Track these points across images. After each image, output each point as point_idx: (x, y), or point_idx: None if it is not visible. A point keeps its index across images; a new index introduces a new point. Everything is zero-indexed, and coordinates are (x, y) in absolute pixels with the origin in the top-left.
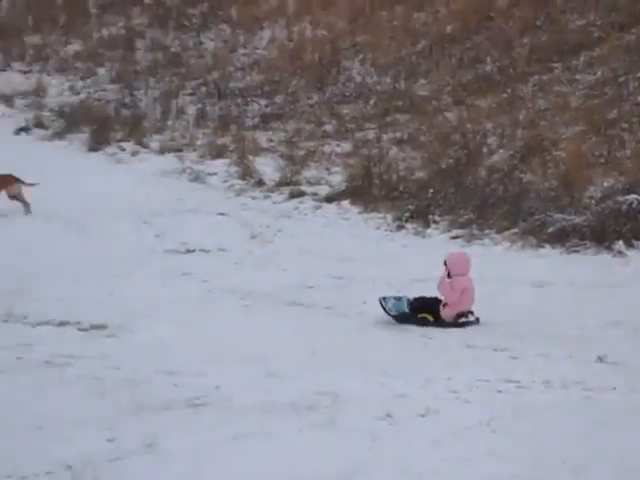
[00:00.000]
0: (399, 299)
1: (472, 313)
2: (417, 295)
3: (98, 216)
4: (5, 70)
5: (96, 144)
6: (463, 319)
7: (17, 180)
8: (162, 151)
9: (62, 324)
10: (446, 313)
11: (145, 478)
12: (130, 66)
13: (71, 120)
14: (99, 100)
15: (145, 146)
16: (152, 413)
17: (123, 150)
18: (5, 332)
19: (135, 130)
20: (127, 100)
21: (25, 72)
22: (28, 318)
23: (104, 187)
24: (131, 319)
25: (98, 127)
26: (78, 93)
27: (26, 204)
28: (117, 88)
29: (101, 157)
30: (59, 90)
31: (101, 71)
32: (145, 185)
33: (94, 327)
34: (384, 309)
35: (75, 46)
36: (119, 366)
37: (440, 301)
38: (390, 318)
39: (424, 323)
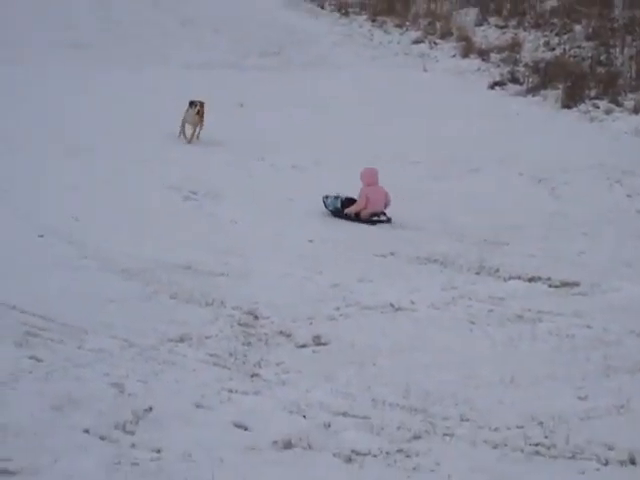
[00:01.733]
0: (337, 197)
1: (384, 214)
2: (349, 196)
3: (569, 174)
4: (481, 25)
5: (570, 101)
6: (375, 218)
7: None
8: (637, 110)
9: (533, 279)
10: (353, 211)
11: (617, 439)
12: (606, 23)
13: (545, 76)
14: (574, 57)
15: (619, 104)
16: (623, 374)
17: (597, 108)
18: (478, 284)
19: (609, 88)
20: (602, 57)
21: (501, 27)
22: (499, 272)
23: (575, 145)
24: (602, 278)
25: (572, 84)
26: (553, 49)
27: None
28: (592, 45)
29: (574, 115)
30: (534, 45)
31: (577, 27)
32: (616, 143)
33: (565, 284)
34: (324, 204)
35: (551, 2)
36: (590, 324)
37: (352, 202)
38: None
39: (347, 218)
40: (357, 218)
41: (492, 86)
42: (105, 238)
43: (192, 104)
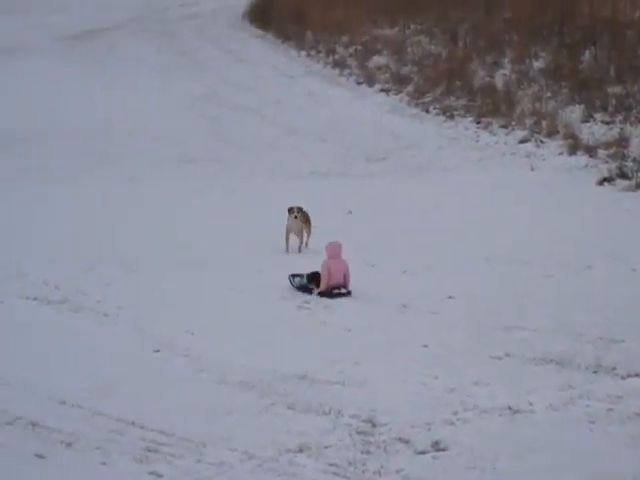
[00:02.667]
0: (301, 276)
1: (345, 287)
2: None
3: None
4: (587, 121)
5: None
6: (335, 291)
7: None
8: None
9: None
10: (323, 289)
11: None
12: None
13: None
14: None
15: None
16: None
17: None
18: (595, 383)
19: None
20: None
21: (607, 123)
22: (616, 370)
23: None
24: None
25: None
26: None
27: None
28: None
29: None
30: None
31: None
32: None
33: None
34: (291, 283)
35: None
36: None
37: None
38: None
39: (310, 292)
40: (321, 293)
41: (601, 182)
42: (221, 350)
43: (290, 211)
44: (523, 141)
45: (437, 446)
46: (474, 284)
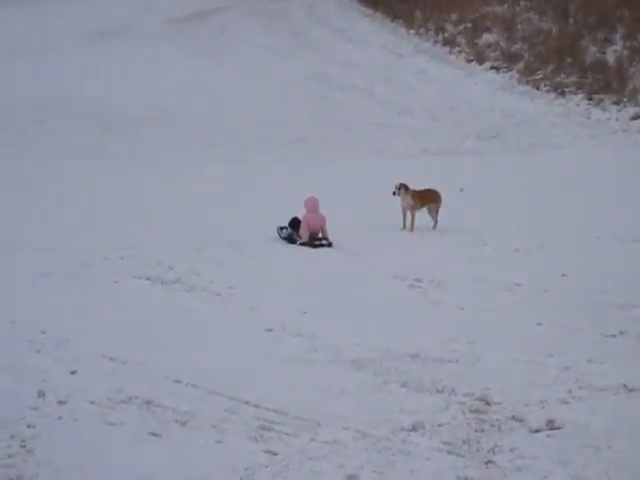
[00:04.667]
0: (287, 228)
1: (326, 239)
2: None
3: None
4: None
5: None
6: (317, 242)
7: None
8: None
9: None
10: (304, 239)
11: None
12: None
13: None
14: None
15: None
16: None
17: None
18: None
19: None
20: None
21: None
22: None
23: None
24: None
25: None
26: None
27: (436, 220)
28: None
29: None
30: None
31: None
32: None
33: None
34: (279, 235)
35: None
36: None
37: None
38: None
39: (295, 242)
40: (304, 243)
41: None
42: (333, 330)
43: (395, 192)
44: (635, 117)
45: (551, 424)
46: (587, 262)
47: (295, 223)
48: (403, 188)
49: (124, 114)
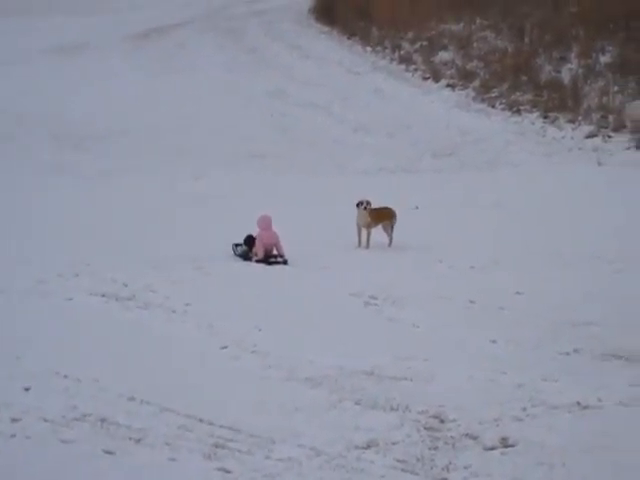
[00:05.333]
0: (242, 245)
1: (282, 256)
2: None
3: None
4: None
5: None
6: (272, 259)
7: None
8: None
9: None
10: (256, 254)
11: None
12: None
13: None
14: None
15: None
16: None
17: None
18: None
19: None
20: None
21: None
22: None
23: None
24: None
25: None
26: None
27: (391, 238)
28: None
29: None
30: None
31: None
32: None
33: None
34: (234, 252)
35: None
36: None
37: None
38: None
39: (250, 259)
40: (259, 260)
41: None
42: (288, 347)
43: (358, 205)
44: (590, 136)
45: (505, 442)
46: (542, 280)
47: (250, 240)
48: (365, 204)
49: (84, 131)
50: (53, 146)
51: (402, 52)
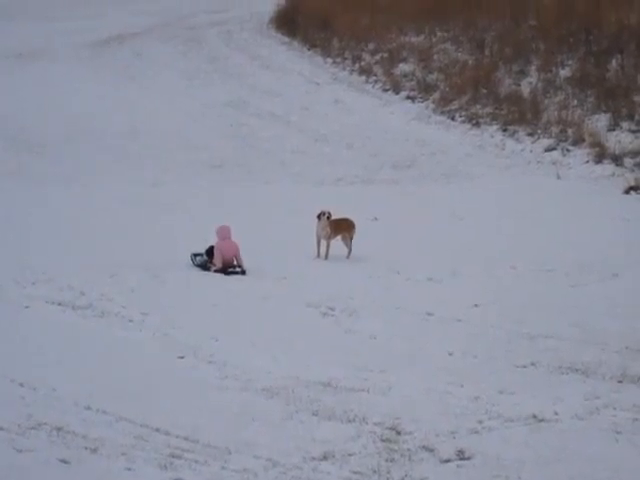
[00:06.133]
0: (201, 255)
1: (240, 266)
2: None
3: None
4: (614, 130)
5: None
6: (230, 269)
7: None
8: None
9: None
10: (215, 264)
11: None
12: None
13: None
14: None
15: None
16: None
17: None
18: (622, 393)
19: None
20: None
21: (634, 131)
22: None
23: None
24: None
25: None
26: None
27: (349, 249)
28: None
29: None
30: None
31: None
32: None
33: None
34: (192, 262)
35: None
36: None
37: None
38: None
39: (209, 269)
40: (217, 270)
41: (627, 191)
42: (245, 357)
43: (320, 216)
44: (549, 149)
45: (462, 455)
46: (500, 292)
47: (211, 252)
48: (327, 215)
49: (41, 135)
50: (7, 151)
51: (362, 63)
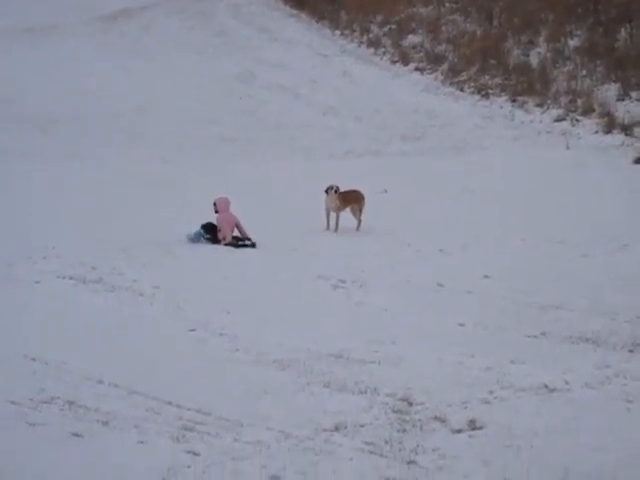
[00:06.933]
0: (198, 232)
1: (249, 239)
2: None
3: None
4: (623, 99)
5: None
6: (240, 242)
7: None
8: None
9: None
10: (227, 239)
11: None
12: None
13: None
14: None
15: None
16: None
17: None
18: (632, 362)
19: None
20: None
21: None
22: None
23: None
24: None
25: None
26: None
27: (359, 221)
28: None
29: None
30: None
31: None
32: None
33: None
34: (189, 239)
35: None
36: None
37: (216, 227)
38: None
39: (208, 240)
40: (228, 244)
41: (636, 161)
42: (256, 330)
43: (327, 190)
44: (558, 120)
45: (473, 425)
46: (510, 264)
47: (209, 226)
48: (335, 189)
49: (50, 113)
50: (19, 130)
51: (371, 35)
